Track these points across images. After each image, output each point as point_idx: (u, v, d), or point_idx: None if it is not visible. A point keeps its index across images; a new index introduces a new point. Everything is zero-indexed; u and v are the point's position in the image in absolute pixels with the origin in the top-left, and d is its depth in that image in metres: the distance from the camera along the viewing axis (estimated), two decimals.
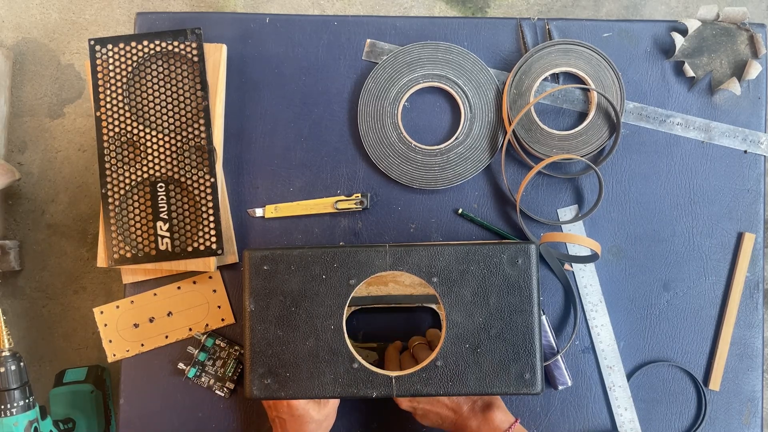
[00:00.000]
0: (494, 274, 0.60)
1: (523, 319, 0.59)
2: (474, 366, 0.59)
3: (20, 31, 1.39)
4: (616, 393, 0.74)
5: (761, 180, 0.77)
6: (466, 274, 0.60)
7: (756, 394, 0.75)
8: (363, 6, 1.42)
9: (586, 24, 0.77)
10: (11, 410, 0.84)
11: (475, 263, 0.60)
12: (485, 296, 0.59)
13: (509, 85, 0.75)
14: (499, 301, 0.59)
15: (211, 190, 0.73)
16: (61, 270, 1.34)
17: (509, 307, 0.59)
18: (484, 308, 0.59)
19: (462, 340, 0.59)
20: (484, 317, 0.59)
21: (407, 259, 0.61)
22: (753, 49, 0.76)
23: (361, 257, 0.61)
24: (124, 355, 0.75)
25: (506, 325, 0.59)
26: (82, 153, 1.36)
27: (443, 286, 0.60)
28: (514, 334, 0.59)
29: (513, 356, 0.59)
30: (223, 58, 0.76)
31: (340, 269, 0.61)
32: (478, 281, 0.60)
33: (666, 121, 0.77)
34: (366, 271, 0.60)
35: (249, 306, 0.61)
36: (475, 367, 0.59)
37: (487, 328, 0.59)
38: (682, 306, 0.76)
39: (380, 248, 0.61)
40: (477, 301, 0.59)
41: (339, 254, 0.61)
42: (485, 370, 0.59)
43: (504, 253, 0.60)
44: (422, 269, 0.60)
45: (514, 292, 0.60)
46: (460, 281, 0.60)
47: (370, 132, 0.76)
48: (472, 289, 0.60)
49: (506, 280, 0.60)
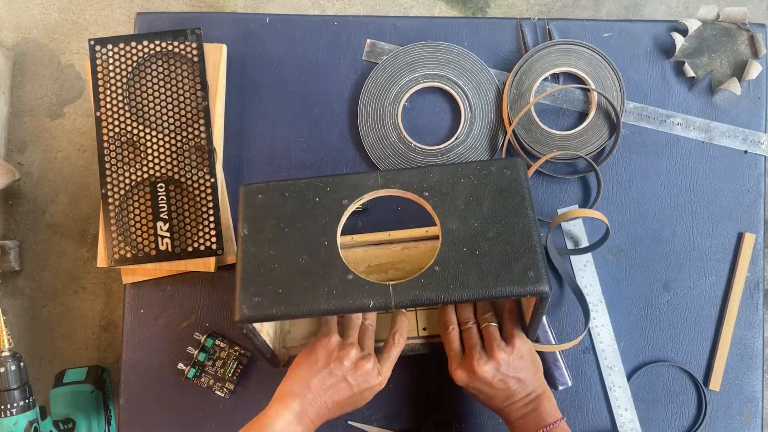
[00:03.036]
0: (485, 184, 0.61)
1: (519, 220, 0.59)
2: (474, 267, 0.58)
3: (20, 31, 1.39)
4: (617, 393, 0.74)
5: (761, 180, 0.76)
6: (457, 186, 0.61)
7: (756, 394, 0.75)
8: (363, 6, 1.42)
9: (587, 24, 0.77)
10: (11, 410, 0.84)
11: (466, 176, 0.61)
12: (478, 203, 0.60)
13: (509, 85, 0.75)
14: (492, 205, 0.60)
15: (211, 190, 0.73)
16: (61, 270, 1.34)
17: (504, 210, 0.60)
18: (479, 213, 0.60)
19: (459, 245, 0.59)
20: (480, 222, 0.59)
21: (398, 179, 0.62)
22: (753, 50, 0.76)
23: (352, 181, 0.62)
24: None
25: (503, 227, 0.59)
26: (82, 153, 1.36)
27: (435, 198, 0.61)
28: (511, 235, 0.59)
29: (513, 255, 0.58)
30: (223, 58, 0.76)
31: (333, 192, 0.62)
32: (470, 191, 0.61)
33: (666, 121, 0.77)
34: (358, 192, 0.62)
35: (243, 231, 0.62)
36: (475, 268, 0.57)
37: (483, 232, 0.59)
38: (682, 306, 0.76)
39: (371, 173, 0.63)
40: (470, 208, 0.60)
41: (331, 180, 0.63)
42: (486, 270, 0.57)
43: (492, 165, 0.61)
44: (413, 186, 0.61)
45: (506, 196, 0.60)
46: (452, 193, 0.61)
47: (370, 132, 0.76)
48: (465, 198, 0.60)
49: (497, 187, 0.60)
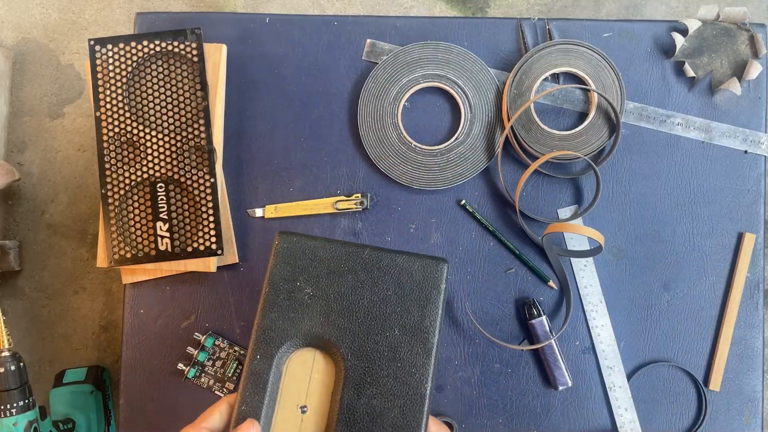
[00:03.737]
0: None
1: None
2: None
3: (20, 31, 1.39)
4: (617, 393, 0.74)
5: (761, 180, 0.76)
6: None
7: (756, 394, 0.75)
8: (363, 6, 1.42)
9: (587, 24, 0.77)
10: (11, 410, 0.84)
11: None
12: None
13: (509, 85, 0.75)
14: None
15: (211, 190, 0.73)
16: (60, 270, 1.34)
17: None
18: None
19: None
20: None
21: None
22: (753, 49, 0.76)
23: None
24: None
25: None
26: (81, 153, 1.36)
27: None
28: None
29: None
30: (223, 58, 0.76)
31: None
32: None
33: (666, 121, 0.77)
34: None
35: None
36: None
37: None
38: (682, 306, 0.76)
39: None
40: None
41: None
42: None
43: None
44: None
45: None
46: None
47: (370, 132, 0.76)
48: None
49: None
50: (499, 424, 0.74)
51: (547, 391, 0.75)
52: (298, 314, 0.50)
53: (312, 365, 0.50)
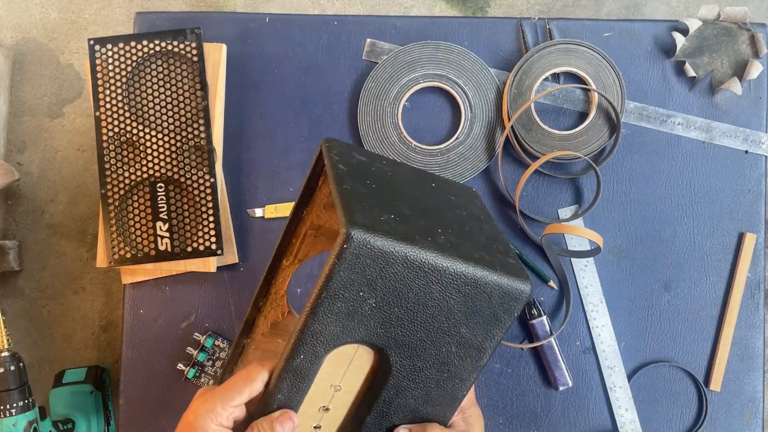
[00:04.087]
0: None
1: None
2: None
3: (20, 30, 1.39)
4: (617, 393, 0.74)
5: (762, 180, 0.76)
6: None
7: (757, 394, 0.75)
8: (363, 6, 1.42)
9: (587, 24, 0.77)
10: (11, 411, 0.84)
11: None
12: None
13: (510, 85, 0.75)
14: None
15: (211, 190, 0.73)
16: (60, 270, 1.34)
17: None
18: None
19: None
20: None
21: None
22: (754, 49, 0.76)
23: None
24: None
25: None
26: (81, 153, 1.36)
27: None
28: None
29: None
30: (222, 57, 0.76)
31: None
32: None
33: (667, 121, 0.77)
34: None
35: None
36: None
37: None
38: (682, 306, 0.76)
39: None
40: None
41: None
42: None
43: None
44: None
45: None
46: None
47: (370, 132, 0.76)
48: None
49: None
50: (499, 425, 0.74)
51: (548, 392, 0.75)
52: (353, 322, 0.44)
53: (354, 354, 0.48)
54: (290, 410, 0.47)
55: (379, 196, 0.46)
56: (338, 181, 0.45)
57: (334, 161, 0.48)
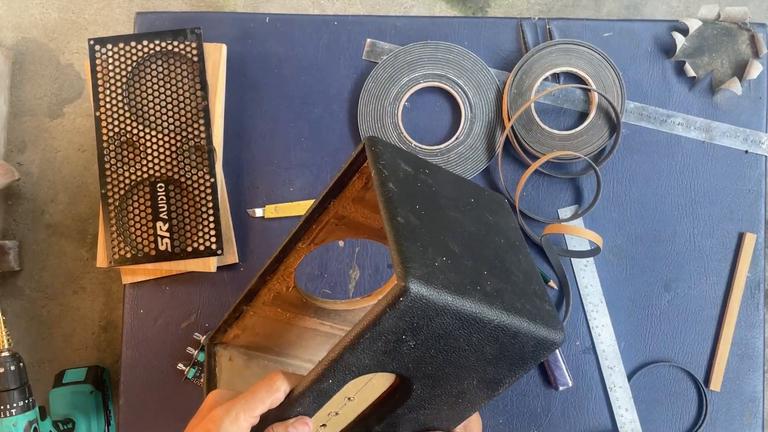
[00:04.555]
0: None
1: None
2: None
3: (20, 30, 1.39)
4: (617, 393, 0.74)
5: (762, 180, 0.76)
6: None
7: (757, 394, 0.75)
8: (363, 6, 1.42)
9: (587, 24, 0.77)
10: (11, 411, 0.84)
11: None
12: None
13: (510, 85, 0.75)
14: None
15: (211, 190, 0.73)
16: (60, 270, 1.34)
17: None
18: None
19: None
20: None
21: None
22: (754, 49, 0.76)
23: None
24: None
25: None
26: (81, 153, 1.36)
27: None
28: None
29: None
30: (223, 57, 0.76)
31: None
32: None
33: (667, 121, 0.77)
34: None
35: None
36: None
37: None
38: (682, 306, 0.76)
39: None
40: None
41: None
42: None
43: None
44: None
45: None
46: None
47: (370, 132, 0.76)
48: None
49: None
50: (499, 425, 0.74)
51: (548, 392, 0.75)
52: (388, 358, 0.44)
53: (374, 374, 0.48)
54: (306, 416, 0.47)
55: (429, 228, 0.45)
56: (389, 207, 0.44)
57: (383, 176, 0.46)
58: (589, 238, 0.69)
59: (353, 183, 0.53)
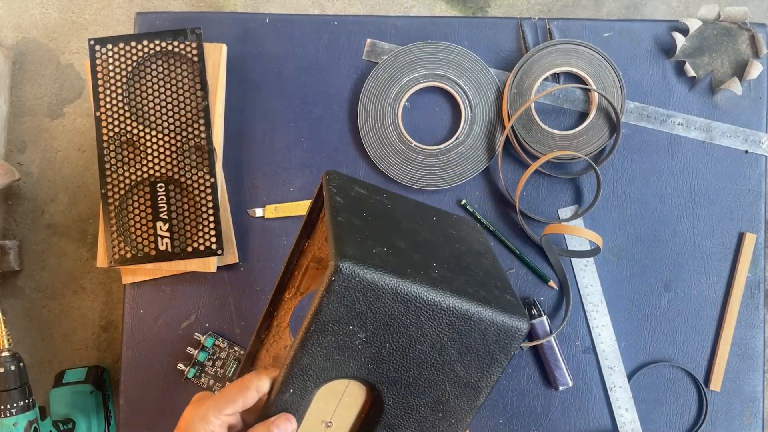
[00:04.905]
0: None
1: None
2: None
3: (20, 31, 1.39)
4: (617, 393, 0.74)
5: (762, 180, 0.76)
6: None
7: (757, 394, 0.75)
8: (363, 6, 1.42)
9: (587, 24, 0.77)
10: (11, 410, 0.84)
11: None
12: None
13: (510, 85, 0.75)
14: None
15: (211, 190, 0.73)
16: (60, 270, 1.34)
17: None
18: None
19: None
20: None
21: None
22: (754, 49, 0.76)
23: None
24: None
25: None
26: (81, 153, 1.36)
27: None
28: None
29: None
30: (223, 57, 0.76)
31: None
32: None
33: (667, 121, 0.77)
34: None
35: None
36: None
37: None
38: (682, 306, 0.76)
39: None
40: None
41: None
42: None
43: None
44: None
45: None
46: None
47: (370, 132, 0.76)
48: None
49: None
50: (499, 425, 0.74)
51: (548, 392, 0.75)
52: (344, 357, 0.43)
53: (345, 389, 0.47)
54: (288, 413, 0.46)
55: (374, 228, 0.45)
56: (333, 213, 0.45)
57: (331, 193, 0.48)
58: (589, 238, 0.69)
59: (322, 221, 0.52)
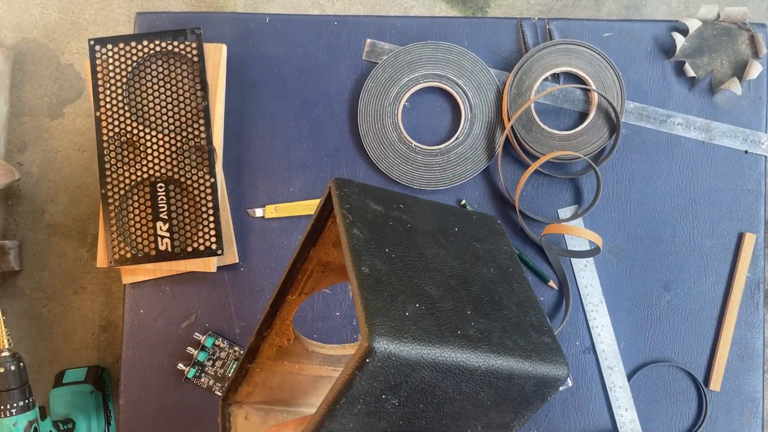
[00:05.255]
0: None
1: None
2: None
3: (20, 31, 1.39)
4: (617, 393, 0.74)
5: (762, 180, 0.76)
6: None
7: (757, 394, 0.75)
8: (363, 6, 1.42)
9: (587, 24, 0.77)
10: (11, 410, 0.84)
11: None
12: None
13: (510, 85, 0.75)
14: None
15: (211, 190, 0.73)
16: (60, 270, 1.34)
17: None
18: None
19: None
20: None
21: None
22: (754, 49, 0.76)
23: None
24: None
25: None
26: (81, 153, 1.36)
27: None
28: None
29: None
30: (223, 58, 0.76)
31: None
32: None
33: (667, 121, 0.77)
34: None
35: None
36: None
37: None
38: (682, 306, 0.76)
39: None
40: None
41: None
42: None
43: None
44: None
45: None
46: None
47: (370, 132, 0.76)
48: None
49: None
50: None
51: None
52: (374, 419, 0.40)
53: None
54: None
55: (401, 273, 0.42)
56: (353, 257, 0.41)
57: (347, 223, 0.43)
58: (588, 238, 0.69)
59: (329, 227, 0.50)
